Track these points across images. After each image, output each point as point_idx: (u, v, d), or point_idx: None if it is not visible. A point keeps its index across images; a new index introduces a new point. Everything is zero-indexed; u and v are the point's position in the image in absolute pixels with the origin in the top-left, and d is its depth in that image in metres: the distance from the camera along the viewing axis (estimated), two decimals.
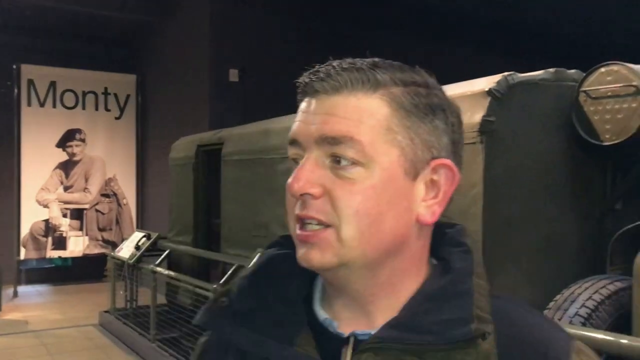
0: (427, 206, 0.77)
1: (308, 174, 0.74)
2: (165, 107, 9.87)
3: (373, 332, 0.75)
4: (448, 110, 0.79)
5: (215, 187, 5.77)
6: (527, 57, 7.60)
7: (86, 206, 10.23)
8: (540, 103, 3.13)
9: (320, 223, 0.74)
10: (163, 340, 5.80)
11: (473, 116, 2.97)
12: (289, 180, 0.75)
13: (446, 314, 0.73)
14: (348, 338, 0.77)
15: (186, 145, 6.55)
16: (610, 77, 3.03)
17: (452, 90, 3.23)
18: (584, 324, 2.63)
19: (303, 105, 0.79)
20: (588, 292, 2.76)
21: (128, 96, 10.58)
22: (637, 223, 2.64)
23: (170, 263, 6.31)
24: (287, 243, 0.84)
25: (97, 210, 10.31)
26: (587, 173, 3.30)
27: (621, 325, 2.67)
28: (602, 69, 3.08)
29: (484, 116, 2.92)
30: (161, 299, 6.18)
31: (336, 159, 0.74)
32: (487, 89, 2.95)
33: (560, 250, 3.18)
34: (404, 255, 0.77)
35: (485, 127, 2.91)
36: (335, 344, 0.77)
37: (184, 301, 5.70)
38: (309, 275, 0.83)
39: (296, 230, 0.76)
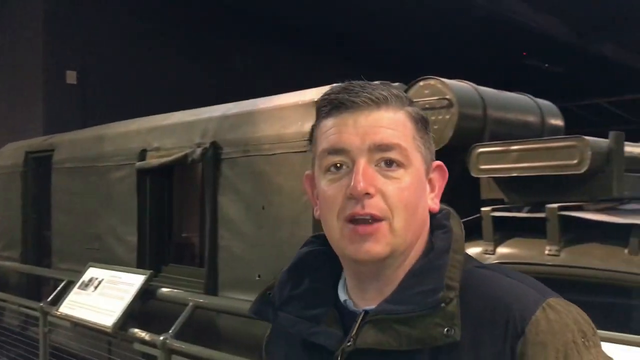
0: (431, 199, 0.98)
1: (367, 177, 0.89)
2: None
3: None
4: (430, 123, 1.01)
5: (46, 197, 5.37)
6: (376, 69, 7.97)
7: None
8: None
9: (373, 218, 0.89)
10: None
11: (303, 125, 3.05)
12: (353, 183, 0.88)
13: (424, 285, 0.89)
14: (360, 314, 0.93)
15: (13, 152, 6.02)
16: (428, 91, 3.26)
17: (285, 100, 3.30)
18: None
19: (340, 119, 0.92)
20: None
21: None
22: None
23: None
24: (317, 242, 1.05)
25: None
26: None
27: None
28: (421, 83, 3.31)
29: (313, 125, 2.99)
30: None
31: (387, 163, 0.91)
32: (316, 99, 3.04)
33: None
34: (422, 237, 0.96)
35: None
36: (353, 320, 0.93)
37: (9, 323, 5.23)
38: (334, 267, 1.01)
39: (348, 227, 0.90)
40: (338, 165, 0.92)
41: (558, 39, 8.72)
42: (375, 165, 0.91)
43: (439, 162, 1.00)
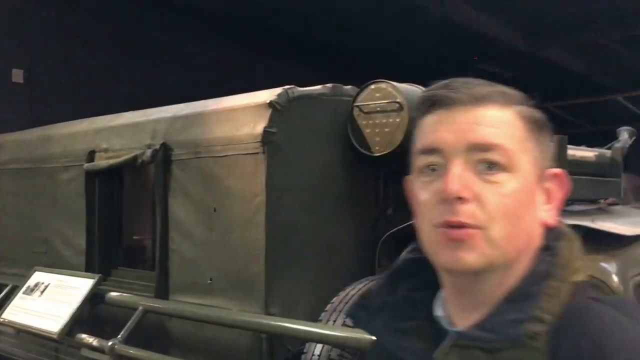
0: (545, 210, 0.86)
1: (461, 179, 0.80)
2: None
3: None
4: (548, 126, 0.89)
5: None
6: (339, 73, 7.99)
7: None
8: (319, 116, 3.31)
9: (466, 227, 0.79)
10: None
11: (256, 127, 3.04)
12: (444, 185, 0.80)
13: (512, 314, 0.79)
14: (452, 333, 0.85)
15: None
16: (379, 94, 3.31)
17: (237, 101, 3.28)
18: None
19: (437, 116, 0.84)
20: (360, 293, 2.96)
21: None
22: (401, 226, 2.89)
23: None
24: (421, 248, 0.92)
25: None
26: (363, 181, 3.55)
27: None
28: (372, 86, 3.35)
29: (265, 127, 3.00)
30: None
31: (488, 165, 0.80)
32: (268, 101, 3.04)
33: (339, 255, 3.37)
34: (527, 257, 0.84)
35: (267, 138, 2.99)
36: (444, 338, 0.85)
37: None
38: (434, 278, 0.90)
39: (441, 232, 0.81)
40: (432, 166, 0.84)
41: (508, 45, 8.95)
42: (474, 167, 0.81)
43: (558, 170, 0.88)
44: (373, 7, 7.68)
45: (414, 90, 3.46)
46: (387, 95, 3.28)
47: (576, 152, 3.75)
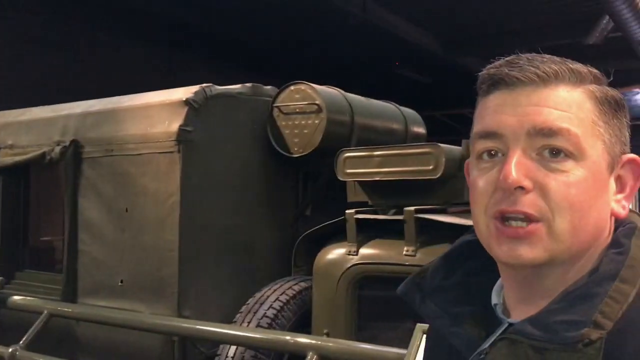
0: (617, 200, 0.78)
1: (522, 167, 0.73)
2: None
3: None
4: (625, 106, 0.80)
5: None
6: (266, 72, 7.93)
7: None
8: (238, 115, 3.27)
9: (527, 218, 0.73)
10: None
11: (171, 125, 2.97)
12: (502, 173, 0.73)
13: (570, 314, 0.72)
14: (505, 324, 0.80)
15: None
16: (298, 95, 3.32)
17: (152, 98, 3.20)
18: (270, 325, 2.81)
19: (498, 98, 0.77)
20: (276, 294, 2.95)
21: None
22: (317, 227, 2.91)
23: None
24: None
25: None
26: (282, 182, 3.55)
27: (304, 322, 2.92)
28: (292, 87, 3.35)
29: (181, 125, 2.93)
30: None
31: (552, 151, 0.73)
32: (184, 99, 2.98)
33: (257, 255, 3.36)
34: (597, 248, 0.78)
35: (182, 137, 2.93)
36: (497, 327, 0.81)
37: None
38: (492, 261, 0.82)
39: (495, 226, 0.75)
40: (492, 152, 0.77)
41: (427, 51, 9.21)
42: (537, 154, 0.74)
43: (633, 156, 0.79)
44: (295, 8, 7.70)
45: (333, 92, 3.50)
46: (306, 96, 3.29)
47: None
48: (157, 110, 3.07)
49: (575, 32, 7.83)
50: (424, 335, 1.10)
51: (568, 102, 0.75)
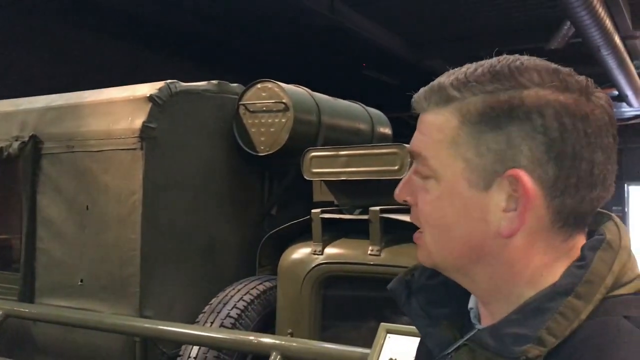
0: (508, 218, 0.74)
1: (402, 184, 0.83)
2: None
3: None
4: (537, 113, 0.71)
5: None
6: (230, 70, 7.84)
7: None
8: (203, 113, 3.23)
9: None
10: None
11: (134, 121, 2.91)
12: None
13: (522, 327, 0.73)
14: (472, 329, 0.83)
15: None
16: (265, 94, 3.29)
17: (115, 94, 3.13)
18: (234, 325, 2.78)
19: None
20: (240, 294, 2.92)
21: None
22: (281, 227, 2.89)
23: None
24: None
25: None
26: (247, 181, 3.52)
27: (268, 322, 2.90)
28: (259, 85, 3.33)
29: (144, 122, 2.88)
30: None
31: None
32: (148, 95, 2.92)
33: (222, 255, 3.32)
34: (495, 264, 0.77)
35: (145, 133, 2.88)
36: (469, 332, 0.83)
37: None
38: None
39: None
40: None
41: (394, 53, 9.27)
42: (415, 173, 0.83)
43: (514, 172, 0.72)
44: (262, 6, 7.66)
45: (299, 91, 3.48)
46: (273, 95, 3.27)
47: None
48: (120, 106, 3.01)
49: (538, 36, 7.98)
50: (388, 335, 1.10)
51: (428, 125, 0.79)
